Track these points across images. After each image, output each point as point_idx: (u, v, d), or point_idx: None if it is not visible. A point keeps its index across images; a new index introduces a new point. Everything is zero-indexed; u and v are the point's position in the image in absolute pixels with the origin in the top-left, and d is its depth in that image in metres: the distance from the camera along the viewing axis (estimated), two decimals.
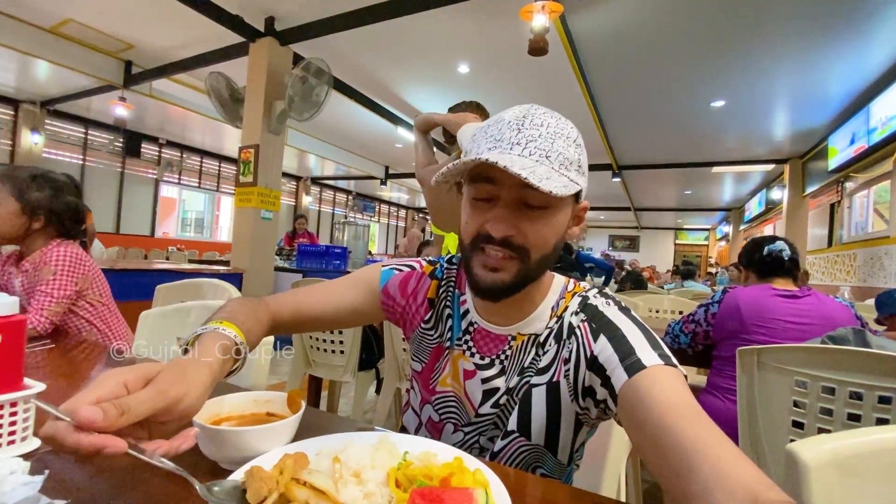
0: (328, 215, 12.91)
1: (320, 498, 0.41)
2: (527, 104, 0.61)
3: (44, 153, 7.12)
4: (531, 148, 0.56)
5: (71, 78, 5.60)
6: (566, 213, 0.61)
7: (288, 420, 0.52)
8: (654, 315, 3.07)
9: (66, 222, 1.34)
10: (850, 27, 3.62)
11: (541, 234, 0.58)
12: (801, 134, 6.34)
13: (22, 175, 1.28)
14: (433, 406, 0.72)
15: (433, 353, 0.73)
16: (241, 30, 4.08)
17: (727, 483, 0.39)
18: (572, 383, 0.61)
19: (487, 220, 0.58)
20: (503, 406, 0.65)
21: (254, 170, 4.27)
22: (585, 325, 0.61)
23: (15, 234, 1.26)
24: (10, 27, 4.52)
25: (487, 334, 0.68)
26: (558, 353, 0.63)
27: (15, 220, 1.25)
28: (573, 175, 0.57)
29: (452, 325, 0.71)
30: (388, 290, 0.76)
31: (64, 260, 1.28)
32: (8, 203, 1.24)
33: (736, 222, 12.65)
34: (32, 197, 1.26)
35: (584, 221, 0.66)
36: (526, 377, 0.64)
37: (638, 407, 0.50)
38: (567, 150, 0.57)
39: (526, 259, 0.59)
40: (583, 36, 4.00)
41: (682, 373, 0.53)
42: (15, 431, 0.50)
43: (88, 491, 0.44)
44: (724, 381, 1.47)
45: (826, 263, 6.52)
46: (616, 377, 0.54)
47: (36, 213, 1.27)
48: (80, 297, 1.34)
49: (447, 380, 0.70)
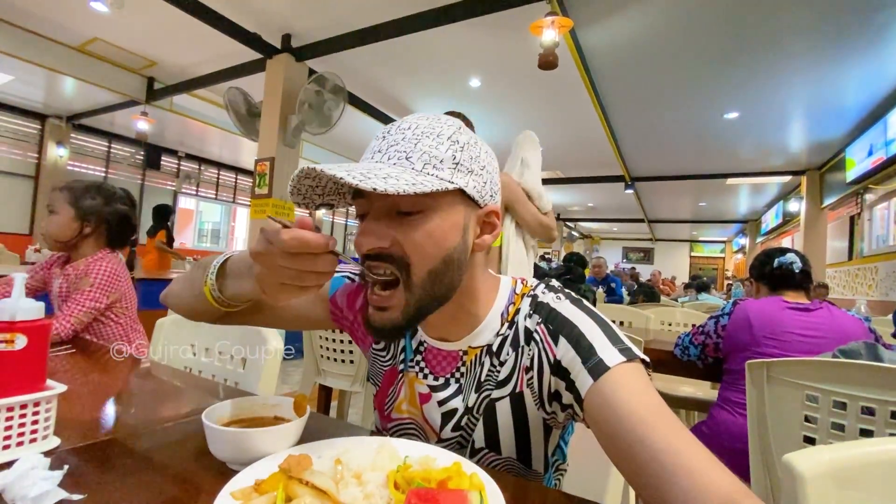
0: (341, 226, 13.06)
1: (321, 498, 0.43)
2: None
3: (68, 166, 7.36)
4: (391, 153, 0.52)
5: (96, 94, 5.81)
6: (452, 218, 0.54)
7: (293, 423, 0.54)
8: (667, 328, 3.03)
9: (115, 229, 1.44)
10: (865, 38, 3.59)
11: (418, 243, 0.52)
12: (817, 145, 6.25)
13: (79, 185, 1.39)
14: (390, 433, 0.68)
15: (386, 376, 0.69)
16: (258, 47, 4.21)
17: (704, 492, 0.40)
18: (537, 391, 0.58)
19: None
20: (465, 427, 0.61)
21: (269, 182, 4.36)
22: (542, 327, 0.58)
23: (68, 238, 1.36)
24: (41, 46, 4.73)
25: (438, 352, 0.64)
26: (518, 362, 0.59)
27: (69, 225, 1.35)
28: (444, 174, 0.52)
29: (405, 345, 0.67)
30: (335, 300, 0.73)
31: (103, 274, 1.36)
32: (64, 209, 1.34)
33: (752, 235, 12.44)
34: (86, 204, 1.36)
35: (499, 228, 0.59)
36: (485, 392, 0.60)
37: (605, 413, 0.49)
38: (435, 148, 0.52)
39: (407, 277, 0.53)
40: (593, 50, 4.03)
41: (645, 361, 0.53)
42: (37, 430, 0.53)
43: (104, 487, 0.46)
44: (736, 395, 1.45)
45: (846, 277, 6.37)
46: (580, 381, 0.52)
47: (87, 219, 1.37)
48: (109, 308, 1.41)
49: (402, 406, 0.67)
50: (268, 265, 0.48)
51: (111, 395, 0.80)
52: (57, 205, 1.35)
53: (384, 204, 0.53)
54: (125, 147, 8.16)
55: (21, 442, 0.52)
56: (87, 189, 1.39)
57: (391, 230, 0.52)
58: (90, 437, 0.58)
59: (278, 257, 0.47)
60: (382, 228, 0.52)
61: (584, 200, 11.61)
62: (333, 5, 3.71)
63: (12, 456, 0.48)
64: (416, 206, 0.52)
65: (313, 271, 0.48)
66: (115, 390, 0.82)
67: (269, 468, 0.47)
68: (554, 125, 5.95)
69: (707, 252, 17.09)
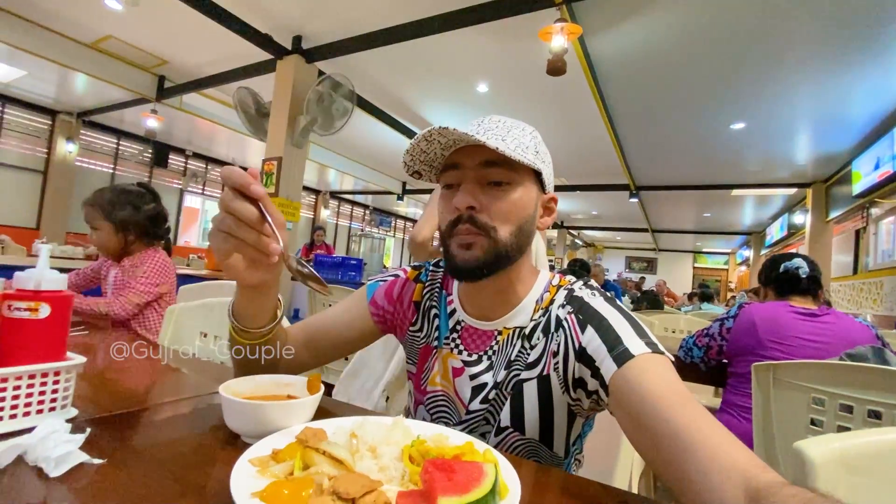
0: (345, 228, 13.09)
1: (338, 467, 0.44)
2: None
3: (77, 161, 7.43)
4: (489, 135, 0.60)
5: (107, 91, 5.88)
6: (529, 194, 0.64)
7: (309, 398, 0.55)
8: (671, 335, 3.02)
9: (152, 228, 1.55)
10: (873, 52, 3.60)
11: (503, 210, 0.61)
12: (823, 158, 6.25)
13: (105, 198, 1.47)
14: (425, 406, 0.73)
15: (421, 353, 0.75)
16: (269, 48, 4.26)
17: (722, 465, 0.40)
18: (562, 376, 0.61)
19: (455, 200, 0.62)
20: (492, 401, 0.65)
21: (276, 181, 4.39)
22: (572, 316, 0.62)
23: (116, 249, 1.48)
24: (54, 42, 4.80)
25: (475, 331, 0.69)
26: (547, 347, 0.64)
27: (113, 238, 1.46)
28: (530, 157, 0.62)
29: (439, 324, 0.73)
30: (375, 301, 0.78)
31: (156, 265, 1.49)
32: (103, 226, 1.45)
33: (757, 247, 12.40)
34: (119, 216, 1.46)
35: (555, 213, 0.69)
36: (514, 371, 0.65)
37: (629, 396, 0.51)
38: (523, 137, 0.63)
39: (493, 234, 0.61)
40: (601, 57, 4.06)
41: (670, 358, 0.54)
42: (56, 398, 0.54)
43: (123, 454, 0.47)
44: (741, 399, 1.44)
45: (851, 291, 6.33)
46: (605, 367, 0.55)
47: (126, 229, 1.48)
48: (157, 298, 1.50)
49: (436, 378, 0.72)
50: (216, 222, 0.54)
51: (125, 372, 0.81)
52: (95, 221, 1.45)
53: (478, 174, 0.62)
54: (133, 144, 8.23)
55: (41, 409, 0.52)
56: (114, 201, 1.48)
57: (482, 196, 0.62)
58: (106, 409, 0.59)
59: (221, 206, 0.53)
60: (477, 192, 0.62)
61: (588, 208, 11.62)
62: (345, 8, 3.75)
63: (33, 423, 0.49)
64: (505, 177, 0.61)
65: (243, 218, 0.52)
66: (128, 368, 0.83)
67: (286, 440, 0.47)
68: (560, 132, 5.98)
69: (710, 263, 17.04)
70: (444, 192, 0.66)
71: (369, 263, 6.11)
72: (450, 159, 0.64)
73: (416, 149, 0.63)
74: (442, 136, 0.60)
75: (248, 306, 0.63)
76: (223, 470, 0.43)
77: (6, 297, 0.52)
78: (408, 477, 0.44)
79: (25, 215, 7.08)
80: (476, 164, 0.61)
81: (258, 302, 0.63)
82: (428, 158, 0.65)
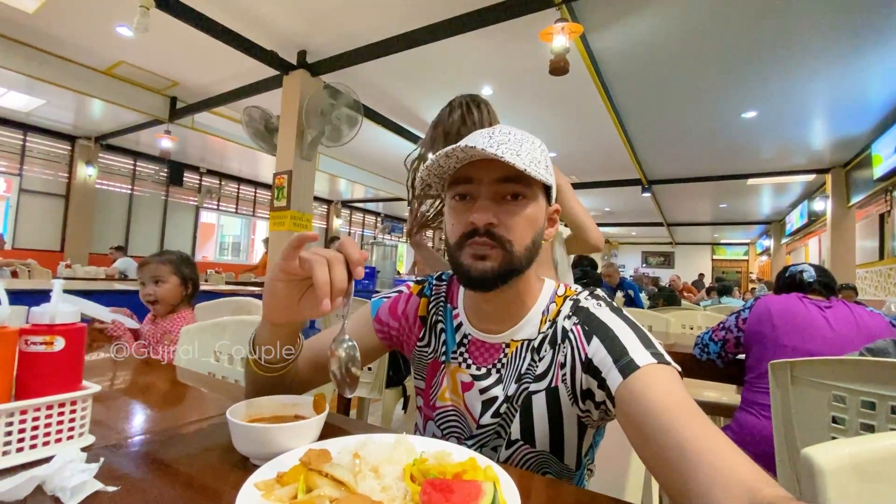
0: (358, 237, 13.20)
1: (340, 489, 0.45)
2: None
3: (97, 184, 7.66)
4: (503, 149, 0.59)
5: (122, 114, 6.05)
6: (540, 208, 0.65)
7: (313, 420, 0.56)
8: (688, 332, 2.97)
9: (196, 290, 1.74)
10: (887, 33, 3.50)
11: (519, 224, 0.62)
12: (841, 142, 6.09)
13: (174, 257, 1.68)
14: (435, 422, 0.73)
15: (429, 368, 0.74)
16: (275, 64, 4.33)
17: (727, 480, 0.40)
18: (570, 387, 0.62)
19: (471, 214, 0.62)
20: (504, 415, 0.65)
21: (287, 194, 4.46)
22: (578, 328, 0.62)
23: (176, 301, 1.65)
24: (70, 70, 4.97)
25: (482, 344, 0.69)
26: (554, 358, 0.64)
27: (176, 291, 1.64)
28: (542, 172, 0.62)
29: (446, 339, 0.73)
30: (379, 318, 0.79)
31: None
32: (172, 279, 1.63)
33: (777, 236, 12.12)
34: (185, 272, 1.66)
35: (557, 224, 0.70)
36: (524, 384, 0.65)
37: (634, 407, 0.51)
38: (534, 152, 0.63)
39: (509, 247, 0.62)
40: (604, 53, 4.03)
41: (677, 369, 0.54)
42: (73, 427, 0.56)
43: (136, 480, 0.49)
44: (760, 397, 1.42)
45: (878, 277, 6.14)
46: (611, 378, 0.55)
47: (187, 284, 1.66)
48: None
49: (445, 394, 0.71)
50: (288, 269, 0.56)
51: (140, 396, 0.83)
52: (164, 276, 1.62)
53: (494, 189, 0.62)
54: (149, 165, 8.45)
55: (59, 439, 0.55)
56: (181, 259, 1.70)
57: (499, 212, 0.62)
58: (122, 434, 0.61)
59: (330, 255, 0.55)
60: (494, 208, 0.62)
61: (600, 205, 11.50)
62: (347, 21, 3.80)
63: (52, 452, 0.51)
64: (520, 192, 0.62)
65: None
66: (143, 392, 0.85)
67: (291, 462, 0.49)
68: (567, 130, 5.95)
69: (730, 255, 16.70)
70: (453, 203, 0.65)
71: (382, 271, 6.14)
72: (462, 172, 0.64)
73: (434, 164, 0.63)
74: (464, 152, 0.60)
75: (274, 339, 0.66)
76: (232, 494, 0.44)
77: (24, 332, 0.54)
78: (409, 497, 0.45)
79: (50, 239, 7.31)
80: (492, 180, 0.62)
81: (289, 338, 0.66)
82: (440, 171, 0.66)
